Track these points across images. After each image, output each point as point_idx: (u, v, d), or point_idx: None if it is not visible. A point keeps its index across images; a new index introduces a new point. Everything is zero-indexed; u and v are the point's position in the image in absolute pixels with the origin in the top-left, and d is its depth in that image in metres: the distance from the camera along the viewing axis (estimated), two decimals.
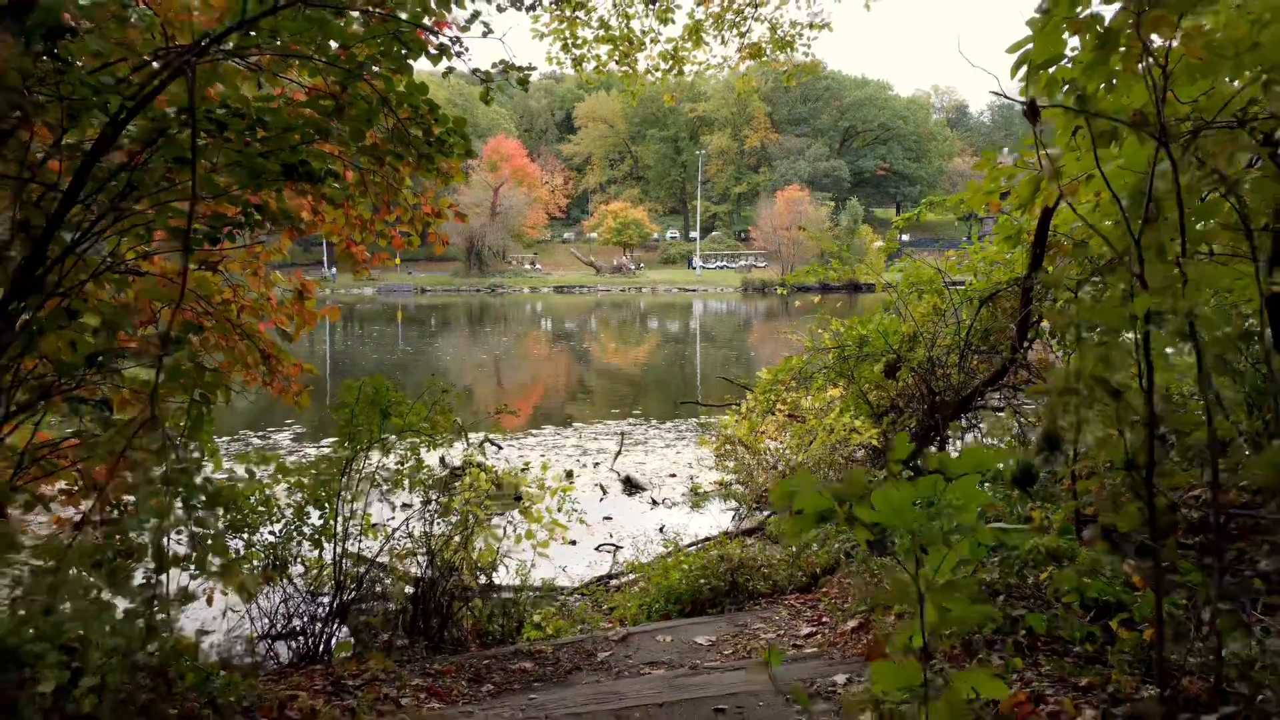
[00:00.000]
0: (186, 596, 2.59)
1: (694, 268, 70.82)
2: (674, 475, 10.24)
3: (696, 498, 8.31)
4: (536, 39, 6.40)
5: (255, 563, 4.62)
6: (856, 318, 6.75)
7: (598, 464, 10.86)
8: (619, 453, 11.29)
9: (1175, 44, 2.37)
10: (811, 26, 6.62)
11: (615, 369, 24.76)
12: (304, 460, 6.18)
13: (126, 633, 2.55)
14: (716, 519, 7.76)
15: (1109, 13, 2.45)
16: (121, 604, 2.59)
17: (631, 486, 9.72)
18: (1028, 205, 4.95)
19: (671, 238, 79.14)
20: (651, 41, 6.44)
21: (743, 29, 6.59)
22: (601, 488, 9.69)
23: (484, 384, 20.71)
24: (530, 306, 51.74)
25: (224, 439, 12.21)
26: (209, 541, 2.57)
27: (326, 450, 5.42)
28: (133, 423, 2.81)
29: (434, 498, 4.50)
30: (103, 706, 2.49)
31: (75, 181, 2.69)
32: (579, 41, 6.34)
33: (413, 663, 3.92)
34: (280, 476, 4.65)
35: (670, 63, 6.56)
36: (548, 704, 2.97)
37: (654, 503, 9.12)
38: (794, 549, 5.13)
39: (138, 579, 2.58)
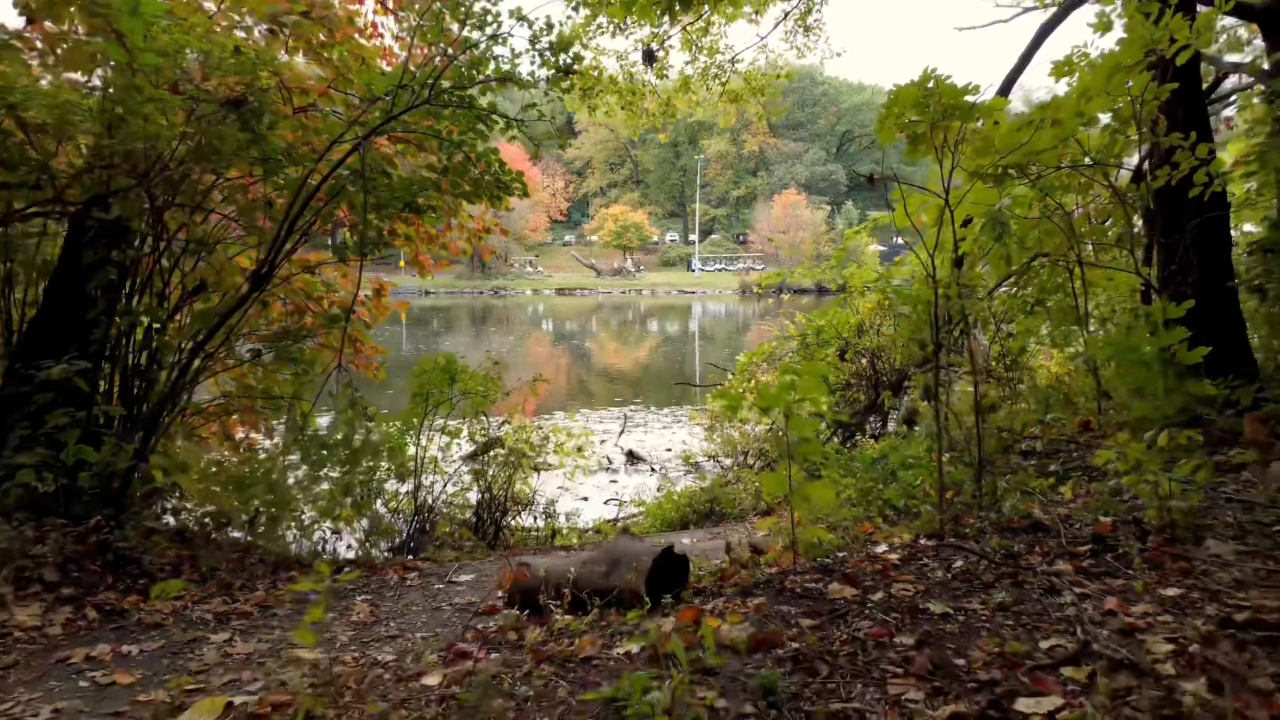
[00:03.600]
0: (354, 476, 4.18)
1: (693, 270, 72.42)
2: (670, 450, 11.83)
3: (689, 463, 9.88)
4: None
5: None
6: (816, 311, 8.33)
7: (603, 441, 12.43)
8: (622, 431, 12.89)
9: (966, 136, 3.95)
10: (778, 77, 8.26)
11: (617, 366, 26.34)
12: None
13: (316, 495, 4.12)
14: (706, 480, 9.32)
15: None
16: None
17: (634, 458, 11.32)
18: (939, 224, 6.58)
19: (671, 241, 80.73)
20: (650, 92, 8.07)
21: (723, 80, 8.23)
22: (607, 459, 11.27)
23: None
24: (532, 308, 53.22)
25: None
26: (374, 438, 4.14)
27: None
28: (325, 371, 4.40)
29: (489, 439, 6.07)
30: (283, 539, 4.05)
31: (289, 218, 4.25)
32: (593, 92, 7.97)
33: (478, 549, 5.51)
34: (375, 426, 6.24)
35: (665, 107, 8.21)
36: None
37: (652, 470, 10.71)
38: (757, 486, 6.71)
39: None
